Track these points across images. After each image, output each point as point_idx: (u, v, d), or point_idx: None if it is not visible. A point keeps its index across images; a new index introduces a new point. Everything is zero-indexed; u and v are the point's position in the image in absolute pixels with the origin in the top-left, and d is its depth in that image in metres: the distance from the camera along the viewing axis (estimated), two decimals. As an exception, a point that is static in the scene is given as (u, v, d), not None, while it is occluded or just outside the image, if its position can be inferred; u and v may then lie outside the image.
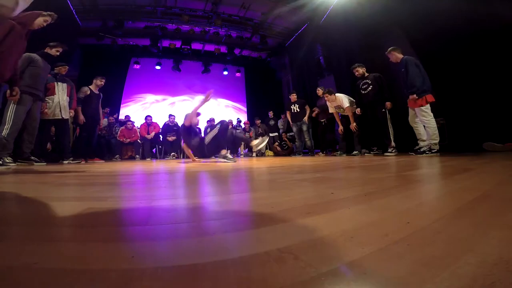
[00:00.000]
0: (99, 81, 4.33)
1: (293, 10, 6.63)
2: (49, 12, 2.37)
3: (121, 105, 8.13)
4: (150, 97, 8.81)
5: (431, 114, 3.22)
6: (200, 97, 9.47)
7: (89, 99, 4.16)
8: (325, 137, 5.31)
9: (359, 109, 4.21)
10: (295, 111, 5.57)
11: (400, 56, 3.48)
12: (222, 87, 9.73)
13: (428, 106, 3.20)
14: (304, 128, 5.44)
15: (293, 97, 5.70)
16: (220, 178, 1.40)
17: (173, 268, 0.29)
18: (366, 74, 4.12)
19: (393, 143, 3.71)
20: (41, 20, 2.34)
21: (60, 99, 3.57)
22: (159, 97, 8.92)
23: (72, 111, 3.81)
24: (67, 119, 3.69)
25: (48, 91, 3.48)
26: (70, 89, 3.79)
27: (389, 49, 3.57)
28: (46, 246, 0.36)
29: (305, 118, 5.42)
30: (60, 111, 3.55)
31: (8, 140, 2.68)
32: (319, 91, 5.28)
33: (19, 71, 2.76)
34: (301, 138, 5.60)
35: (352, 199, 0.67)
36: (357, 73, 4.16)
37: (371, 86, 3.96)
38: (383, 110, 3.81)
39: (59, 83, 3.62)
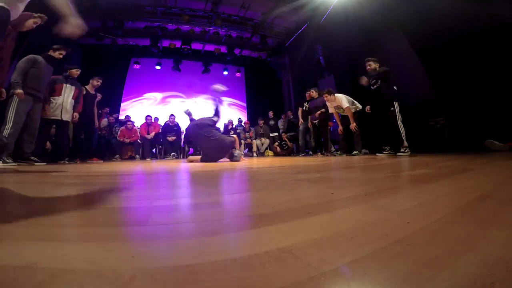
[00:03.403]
0: (96, 82, 4.30)
1: (293, 10, 6.62)
2: (39, 14, 2.32)
3: (121, 105, 8.12)
4: (150, 97, 8.81)
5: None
6: (200, 98, 9.48)
7: (85, 99, 4.15)
8: (319, 138, 5.24)
9: (368, 107, 4.14)
10: (307, 108, 5.36)
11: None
12: (222, 87, 9.72)
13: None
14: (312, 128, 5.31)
15: (313, 93, 5.23)
16: (219, 178, 1.40)
17: (173, 268, 0.29)
18: (378, 69, 3.82)
19: (405, 143, 3.50)
20: (31, 22, 2.31)
21: (64, 101, 3.57)
22: (159, 97, 8.92)
23: (76, 114, 3.83)
24: (67, 121, 3.69)
25: (54, 92, 3.49)
26: (78, 93, 3.80)
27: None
28: (46, 246, 0.36)
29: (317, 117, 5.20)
30: (61, 112, 3.55)
31: (9, 140, 2.68)
32: (313, 93, 5.21)
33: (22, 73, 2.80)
34: (305, 137, 5.47)
35: (352, 199, 0.66)
36: (369, 67, 3.86)
37: (378, 82, 3.76)
38: (392, 109, 3.57)
39: (68, 85, 3.62)
